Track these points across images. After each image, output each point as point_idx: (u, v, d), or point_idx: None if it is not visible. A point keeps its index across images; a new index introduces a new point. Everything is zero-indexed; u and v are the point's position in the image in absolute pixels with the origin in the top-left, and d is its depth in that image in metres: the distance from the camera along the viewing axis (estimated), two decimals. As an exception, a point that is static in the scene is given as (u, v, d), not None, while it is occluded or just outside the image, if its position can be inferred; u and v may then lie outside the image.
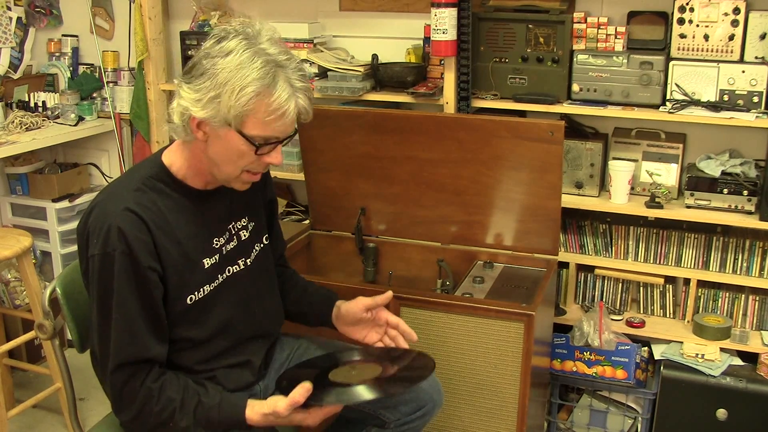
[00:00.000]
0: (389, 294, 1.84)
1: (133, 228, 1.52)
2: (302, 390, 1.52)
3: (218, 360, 1.70)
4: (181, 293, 1.61)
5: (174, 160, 1.64)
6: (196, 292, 1.64)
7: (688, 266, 2.62)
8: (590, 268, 2.73)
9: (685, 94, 2.45)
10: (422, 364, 1.75)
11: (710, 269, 2.59)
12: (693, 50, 2.44)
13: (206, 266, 1.66)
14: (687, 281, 2.63)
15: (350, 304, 1.86)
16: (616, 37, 2.51)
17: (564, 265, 2.72)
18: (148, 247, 1.54)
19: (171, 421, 1.57)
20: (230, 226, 1.74)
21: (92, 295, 1.57)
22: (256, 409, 1.58)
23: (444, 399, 1.98)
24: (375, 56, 2.76)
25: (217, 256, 1.69)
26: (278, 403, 1.54)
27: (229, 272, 1.72)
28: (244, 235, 1.77)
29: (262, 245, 1.83)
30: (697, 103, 2.44)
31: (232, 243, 1.73)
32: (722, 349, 2.53)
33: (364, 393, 1.60)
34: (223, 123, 1.51)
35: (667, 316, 2.71)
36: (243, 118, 1.50)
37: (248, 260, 1.77)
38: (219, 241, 1.70)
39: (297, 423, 1.58)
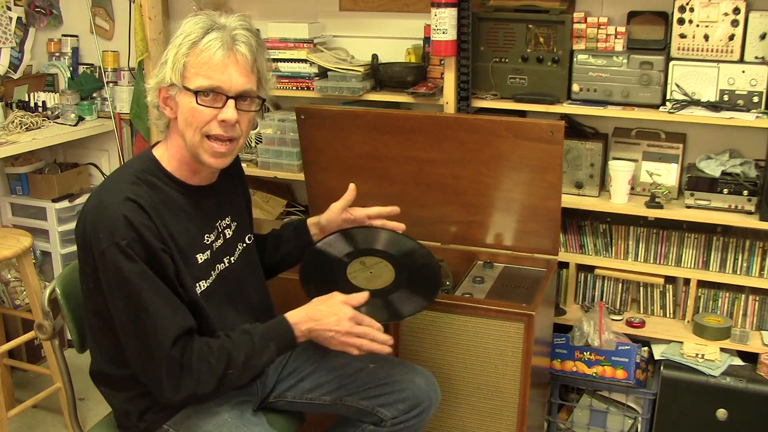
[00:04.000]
0: (352, 186, 1.96)
1: (138, 215, 1.54)
2: (361, 298, 1.69)
3: None
4: (184, 283, 1.62)
5: (162, 154, 1.69)
6: (196, 287, 1.65)
7: (688, 266, 2.62)
8: (590, 268, 2.73)
9: (685, 94, 2.45)
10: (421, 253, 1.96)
11: (710, 269, 2.59)
12: (693, 50, 2.44)
13: (200, 261, 1.68)
14: (687, 281, 2.63)
15: (327, 214, 1.97)
16: (616, 37, 2.51)
17: (564, 265, 2.72)
18: (154, 231, 1.56)
19: (230, 365, 1.59)
20: (217, 224, 1.77)
21: (112, 291, 1.54)
22: (295, 310, 1.68)
23: (444, 399, 1.99)
24: (375, 56, 2.76)
25: (208, 253, 1.71)
26: (335, 294, 1.69)
27: (218, 270, 1.74)
28: (228, 234, 1.80)
29: (245, 245, 1.86)
30: (697, 103, 2.44)
31: (219, 241, 1.76)
32: (722, 349, 2.53)
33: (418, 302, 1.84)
34: (171, 84, 1.59)
35: (667, 316, 2.71)
36: (185, 71, 1.58)
37: (232, 258, 1.80)
38: (209, 238, 1.72)
39: (342, 319, 1.66)
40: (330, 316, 1.65)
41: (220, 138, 1.62)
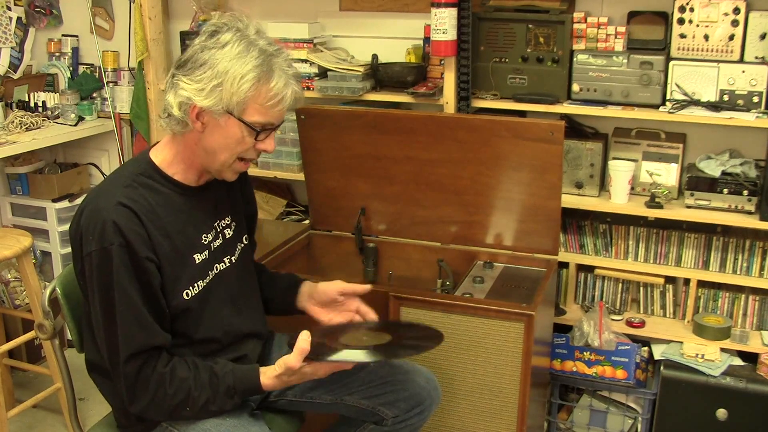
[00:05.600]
0: (368, 287, 1.89)
1: (128, 221, 1.54)
2: (305, 336, 1.59)
3: (215, 356, 1.71)
4: (176, 286, 1.63)
5: (163, 156, 1.68)
6: (190, 287, 1.66)
7: (688, 266, 2.62)
8: (590, 268, 2.73)
9: (685, 94, 2.45)
10: (431, 334, 1.81)
11: (710, 269, 2.59)
12: (693, 50, 2.44)
13: (197, 261, 1.68)
14: (687, 281, 2.63)
15: (327, 284, 1.90)
16: (616, 37, 2.51)
17: (564, 265, 2.72)
18: (143, 238, 1.56)
19: (188, 400, 1.60)
20: (216, 223, 1.77)
21: (93, 293, 1.58)
22: (268, 374, 1.65)
23: (444, 399, 1.98)
24: (375, 56, 2.76)
25: (206, 253, 1.71)
26: (288, 359, 1.61)
27: (217, 269, 1.74)
28: (228, 234, 1.80)
29: (243, 245, 1.86)
30: (697, 103, 2.44)
31: (218, 240, 1.76)
32: (722, 349, 2.53)
33: (367, 355, 1.68)
34: (224, 111, 1.57)
35: (667, 316, 2.71)
36: (244, 105, 1.57)
37: (233, 258, 1.80)
38: (207, 238, 1.72)
39: (309, 376, 1.65)
40: (300, 380, 1.68)
41: (251, 160, 1.69)
